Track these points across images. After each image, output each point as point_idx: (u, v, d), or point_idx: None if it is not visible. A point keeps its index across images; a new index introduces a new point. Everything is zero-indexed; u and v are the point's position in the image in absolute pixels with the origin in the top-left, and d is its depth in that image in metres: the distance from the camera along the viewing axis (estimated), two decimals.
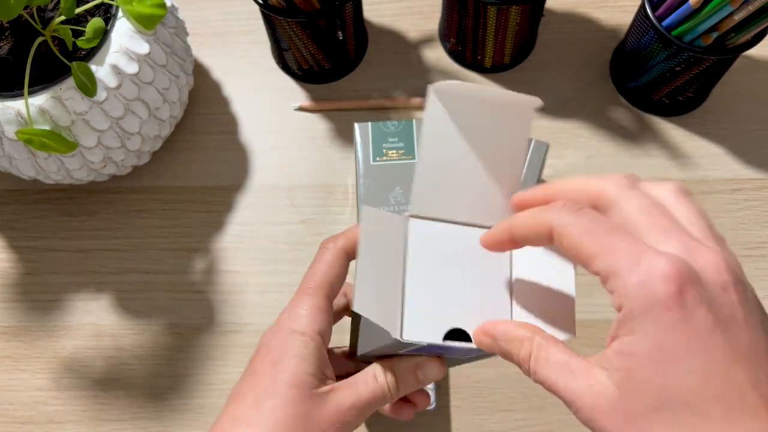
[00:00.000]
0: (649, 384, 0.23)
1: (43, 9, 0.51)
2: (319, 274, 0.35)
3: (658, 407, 0.23)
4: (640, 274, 0.23)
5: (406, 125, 0.53)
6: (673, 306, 0.23)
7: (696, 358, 0.23)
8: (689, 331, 0.23)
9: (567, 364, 0.26)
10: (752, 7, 0.46)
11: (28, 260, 0.58)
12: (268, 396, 0.31)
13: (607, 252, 0.24)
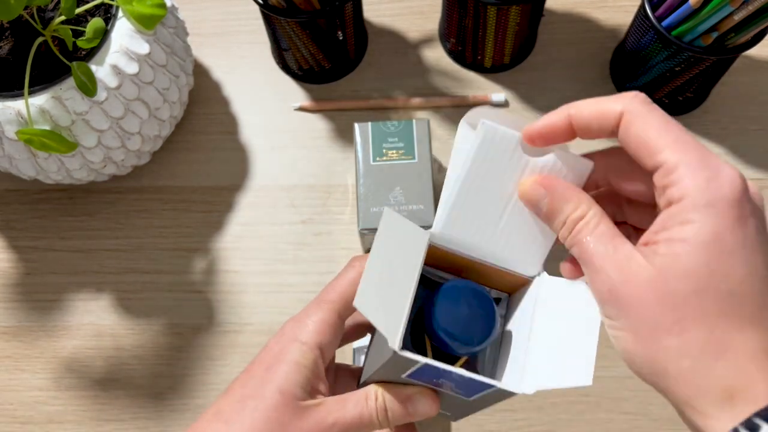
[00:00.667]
0: (698, 268, 0.24)
1: (43, 9, 0.51)
2: (337, 289, 0.34)
3: (700, 290, 0.24)
4: (712, 171, 0.25)
5: (406, 125, 0.53)
6: (737, 206, 0.24)
7: (748, 254, 0.24)
8: (746, 230, 0.24)
9: (613, 238, 0.27)
10: (752, 7, 0.46)
11: (28, 260, 0.58)
12: (253, 397, 0.31)
13: (680, 147, 0.25)
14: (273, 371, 0.32)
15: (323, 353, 0.33)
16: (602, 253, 0.27)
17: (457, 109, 0.61)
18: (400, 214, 0.30)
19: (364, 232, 0.51)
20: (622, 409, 0.52)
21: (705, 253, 0.24)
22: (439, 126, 0.60)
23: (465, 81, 0.62)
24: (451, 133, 0.60)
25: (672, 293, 0.25)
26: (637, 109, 0.26)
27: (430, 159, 0.52)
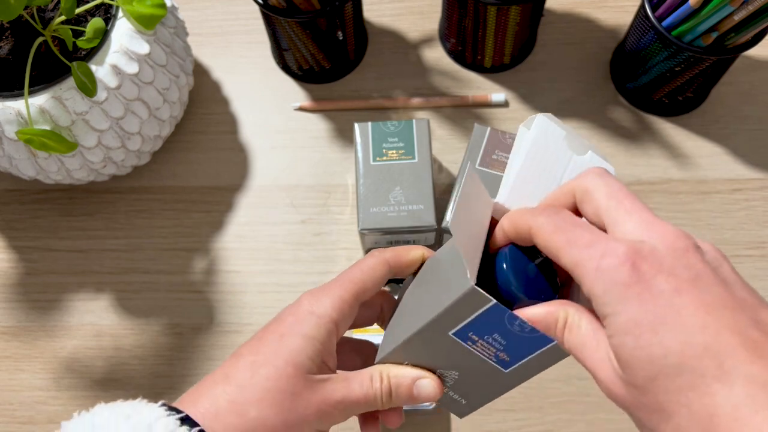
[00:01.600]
0: (637, 359, 0.24)
1: (43, 9, 0.51)
2: (356, 272, 0.35)
3: (653, 378, 0.23)
4: (597, 260, 0.25)
5: (406, 125, 0.53)
6: (631, 282, 0.24)
7: (670, 321, 0.23)
8: (654, 299, 0.23)
9: (594, 334, 0.27)
10: (752, 7, 0.46)
11: (28, 260, 0.58)
12: (265, 365, 0.31)
13: (571, 245, 0.26)
14: (286, 342, 0.32)
15: (337, 329, 0.33)
16: (588, 356, 0.27)
17: (457, 109, 0.61)
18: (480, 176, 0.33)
19: (364, 232, 0.51)
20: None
21: (633, 343, 0.24)
22: (439, 126, 0.60)
23: (465, 81, 0.62)
24: (452, 133, 0.60)
25: (635, 385, 0.24)
26: (538, 222, 0.29)
27: (430, 159, 0.52)
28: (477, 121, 0.60)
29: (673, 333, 0.23)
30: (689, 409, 0.23)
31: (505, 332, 0.29)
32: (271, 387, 0.31)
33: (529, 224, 0.29)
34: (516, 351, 0.30)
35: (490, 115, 0.61)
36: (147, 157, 0.58)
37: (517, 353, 0.30)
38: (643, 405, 0.24)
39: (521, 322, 0.28)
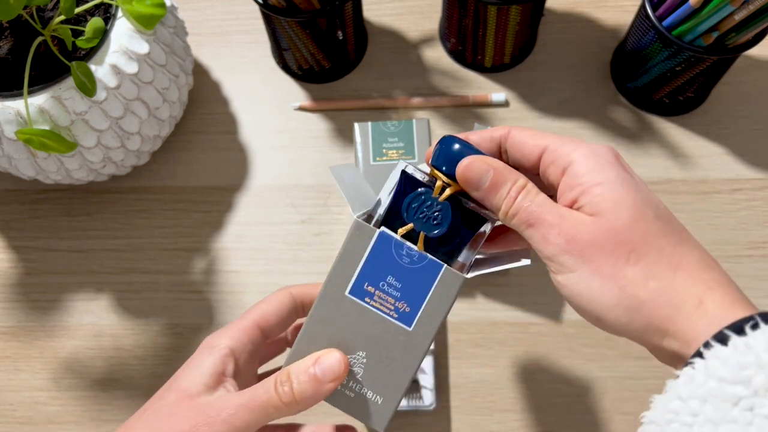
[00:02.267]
0: (624, 200, 0.29)
1: (42, 9, 0.51)
2: (260, 303, 0.38)
3: (637, 219, 0.28)
4: (588, 147, 0.30)
5: (406, 125, 0.53)
6: (614, 154, 0.30)
7: (646, 187, 0.30)
8: (631, 170, 0.30)
9: (552, 202, 0.30)
10: (753, 6, 0.46)
11: (28, 260, 0.58)
12: (152, 403, 0.36)
13: (555, 140, 0.31)
14: (178, 377, 0.36)
15: (235, 355, 0.36)
16: (552, 212, 0.29)
17: (457, 108, 0.61)
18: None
19: None
20: (622, 409, 0.52)
21: (622, 188, 0.28)
22: (439, 126, 0.60)
23: (465, 81, 0.62)
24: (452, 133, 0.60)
25: (617, 228, 0.28)
26: (516, 127, 0.33)
27: None
28: (477, 121, 0.60)
29: (652, 194, 0.30)
30: (660, 252, 0.28)
31: (397, 270, 0.32)
32: (151, 419, 0.35)
33: (502, 132, 0.33)
34: (413, 293, 0.32)
35: (491, 115, 0.61)
36: (146, 157, 0.58)
37: (415, 296, 0.32)
38: (617, 245, 0.28)
39: (408, 249, 0.31)
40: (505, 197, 0.30)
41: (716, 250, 0.55)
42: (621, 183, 0.29)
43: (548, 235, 0.29)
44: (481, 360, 0.54)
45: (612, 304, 0.28)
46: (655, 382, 0.51)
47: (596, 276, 0.28)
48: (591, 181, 0.29)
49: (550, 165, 0.31)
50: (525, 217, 0.30)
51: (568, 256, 0.28)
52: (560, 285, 0.29)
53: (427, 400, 0.51)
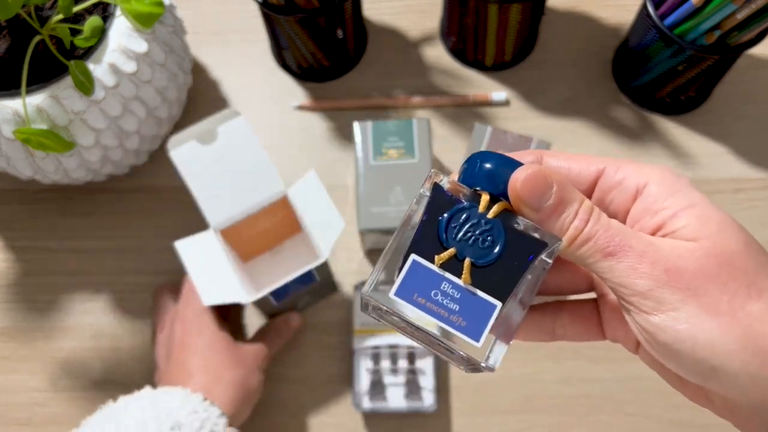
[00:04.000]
0: (728, 223, 0.24)
1: (40, 7, 0.50)
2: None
3: (747, 249, 0.24)
4: (660, 167, 0.26)
5: (406, 124, 0.53)
6: (693, 185, 0.25)
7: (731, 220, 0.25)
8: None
9: (627, 232, 0.24)
10: (755, 5, 0.46)
11: (26, 260, 0.58)
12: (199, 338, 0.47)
13: (612, 161, 0.26)
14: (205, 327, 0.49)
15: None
16: (638, 238, 0.23)
17: (457, 108, 0.61)
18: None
19: (364, 232, 0.51)
20: (624, 410, 0.52)
21: (719, 211, 0.24)
22: (439, 125, 0.60)
23: (466, 79, 0.62)
24: (452, 132, 0.60)
25: (729, 254, 0.23)
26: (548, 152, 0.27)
27: (431, 158, 0.52)
28: (478, 121, 0.60)
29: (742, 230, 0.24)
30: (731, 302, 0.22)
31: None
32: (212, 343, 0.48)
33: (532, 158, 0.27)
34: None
35: (491, 114, 0.60)
36: (145, 156, 0.58)
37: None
38: (733, 275, 0.23)
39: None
40: (573, 220, 0.24)
41: None
42: (714, 206, 0.24)
43: (638, 265, 0.23)
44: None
45: (735, 348, 0.22)
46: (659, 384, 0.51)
47: (710, 314, 0.22)
48: (681, 203, 0.24)
49: (614, 189, 0.25)
50: (603, 244, 0.23)
51: (670, 290, 0.22)
52: (657, 330, 0.23)
53: (427, 402, 0.51)
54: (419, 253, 0.24)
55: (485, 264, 0.24)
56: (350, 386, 0.53)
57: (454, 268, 0.24)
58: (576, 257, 0.24)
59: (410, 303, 0.24)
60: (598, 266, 0.24)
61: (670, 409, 0.51)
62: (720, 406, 0.25)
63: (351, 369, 0.53)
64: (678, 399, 0.29)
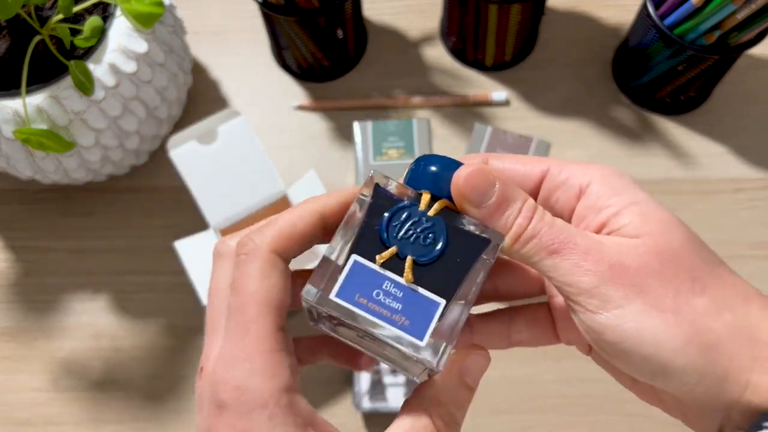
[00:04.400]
0: (671, 220, 0.24)
1: (40, 7, 0.50)
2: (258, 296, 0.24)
3: (689, 246, 0.23)
4: (603, 167, 0.25)
5: (406, 124, 0.53)
6: (637, 184, 0.25)
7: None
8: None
9: (571, 230, 0.24)
10: (755, 5, 0.46)
11: (26, 260, 0.58)
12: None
13: (556, 163, 0.26)
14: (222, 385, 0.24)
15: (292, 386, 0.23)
16: (582, 235, 0.23)
17: (457, 108, 0.61)
18: None
19: None
20: (624, 410, 0.52)
21: (662, 208, 0.24)
22: (439, 125, 0.60)
23: (466, 79, 0.62)
24: (452, 132, 0.60)
25: (673, 251, 0.23)
26: (493, 155, 0.27)
27: None
28: (478, 121, 0.60)
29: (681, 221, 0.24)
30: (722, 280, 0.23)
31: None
32: None
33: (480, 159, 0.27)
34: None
35: (491, 114, 0.60)
36: (145, 156, 0.58)
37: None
38: (677, 270, 0.23)
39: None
40: (516, 217, 0.24)
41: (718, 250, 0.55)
42: (658, 204, 0.24)
43: (583, 262, 0.22)
44: None
45: (681, 344, 0.22)
46: None
47: (655, 311, 0.22)
48: (624, 201, 0.24)
49: (558, 189, 0.25)
50: (547, 242, 0.23)
51: (614, 287, 0.22)
52: (603, 328, 0.22)
53: None
54: (361, 254, 0.24)
55: (427, 262, 0.24)
56: (350, 386, 0.53)
57: (396, 267, 0.24)
58: (521, 256, 0.24)
59: (352, 304, 0.23)
60: (543, 264, 0.23)
61: None
62: (671, 406, 0.25)
63: None
64: None
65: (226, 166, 0.48)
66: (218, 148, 0.48)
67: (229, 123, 0.48)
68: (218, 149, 0.48)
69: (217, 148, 0.48)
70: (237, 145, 0.48)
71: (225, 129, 0.48)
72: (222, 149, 0.48)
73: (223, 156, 0.48)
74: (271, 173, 0.49)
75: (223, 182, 0.48)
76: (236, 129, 0.49)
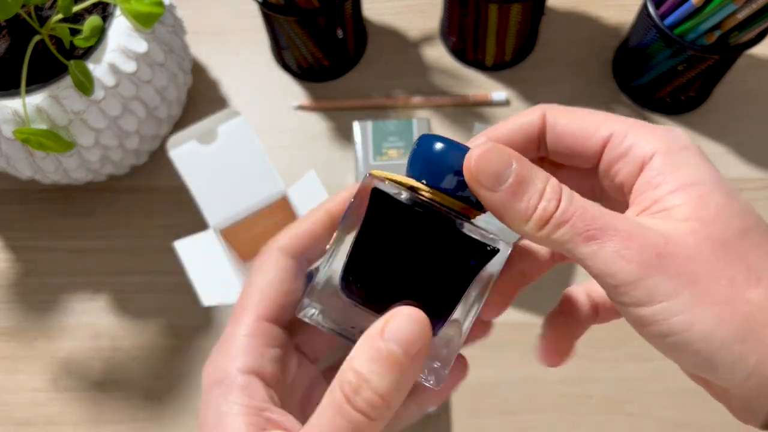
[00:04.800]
0: (730, 207, 0.22)
1: (40, 7, 0.50)
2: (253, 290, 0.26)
3: (745, 230, 0.21)
4: (670, 135, 0.23)
5: (406, 124, 0.53)
6: (708, 160, 0.24)
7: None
8: (731, 185, 0.23)
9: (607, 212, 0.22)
10: (755, 5, 0.46)
11: (26, 260, 0.58)
12: None
13: (620, 124, 0.24)
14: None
15: (262, 375, 0.25)
16: (622, 219, 0.21)
17: (457, 108, 0.61)
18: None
19: None
20: (625, 410, 0.52)
21: (724, 190, 0.22)
22: (439, 125, 0.60)
23: (466, 79, 0.62)
24: (452, 133, 0.60)
25: (727, 239, 0.21)
26: (553, 108, 0.25)
27: None
28: (478, 121, 0.60)
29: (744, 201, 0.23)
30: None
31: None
32: None
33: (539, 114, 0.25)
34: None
35: (491, 114, 0.60)
36: (145, 156, 0.58)
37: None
38: (730, 260, 0.21)
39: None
40: (539, 200, 0.21)
41: None
42: (720, 183, 0.22)
43: (625, 250, 0.20)
44: (483, 361, 0.53)
45: (734, 338, 0.20)
46: (658, 383, 0.51)
47: (706, 304, 0.20)
48: (683, 179, 0.22)
49: (620, 160, 0.23)
50: (582, 227, 0.21)
51: (661, 277, 0.20)
52: (649, 321, 0.21)
53: None
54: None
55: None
56: None
57: None
58: (551, 242, 0.21)
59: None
60: (578, 252, 0.21)
61: (670, 409, 0.51)
62: (716, 391, 0.24)
63: None
64: (678, 399, 0.29)
65: (226, 166, 0.48)
66: (218, 148, 0.48)
67: (229, 123, 0.48)
68: (218, 149, 0.48)
69: (217, 148, 0.48)
70: (237, 145, 0.48)
71: (225, 129, 0.48)
72: (222, 149, 0.48)
73: (223, 156, 0.48)
74: (271, 173, 0.49)
75: (223, 182, 0.48)
76: (236, 129, 0.48)
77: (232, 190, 0.48)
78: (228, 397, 0.24)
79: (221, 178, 0.48)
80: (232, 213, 0.48)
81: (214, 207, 0.47)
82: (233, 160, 0.48)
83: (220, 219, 0.47)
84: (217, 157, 0.48)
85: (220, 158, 0.48)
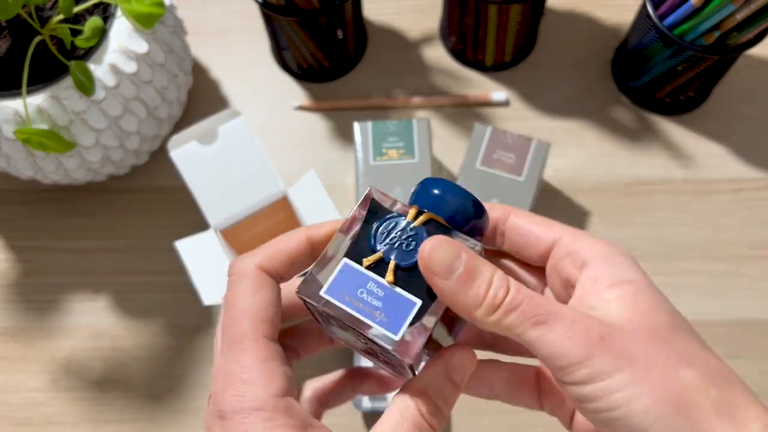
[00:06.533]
0: (660, 304, 0.25)
1: (41, 8, 0.50)
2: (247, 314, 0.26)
3: (673, 324, 0.24)
4: (611, 244, 0.26)
5: (406, 124, 0.53)
6: (640, 267, 0.26)
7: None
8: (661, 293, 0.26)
9: (551, 301, 0.24)
10: (754, 6, 0.46)
11: (26, 260, 0.58)
12: None
13: (569, 231, 0.27)
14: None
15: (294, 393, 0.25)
16: (567, 307, 0.24)
17: (457, 108, 0.61)
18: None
19: None
20: None
21: (655, 292, 0.25)
22: (439, 125, 0.60)
23: (466, 80, 0.62)
24: (452, 132, 0.60)
25: (659, 333, 0.23)
26: (514, 212, 0.28)
27: (431, 159, 0.52)
28: (478, 121, 0.60)
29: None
30: (707, 363, 0.23)
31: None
32: None
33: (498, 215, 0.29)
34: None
35: (491, 115, 0.60)
36: (145, 156, 0.58)
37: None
38: (664, 345, 0.23)
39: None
40: (488, 288, 0.23)
41: (718, 250, 0.55)
42: (652, 285, 0.25)
43: (572, 333, 0.22)
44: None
45: (668, 412, 0.22)
46: None
47: (644, 381, 0.22)
48: (620, 277, 0.25)
49: (565, 258, 0.26)
50: (531, 312, 0.23)
51: (605, 357, 0.22)
52: (592, 398, 0.23)
53: None
54: (351, 258, 0.27)
55: (408, 266, 0.26)
56: None
57: (381, 270, 0.26)
58: (501, 327, 0.23)
59: (338, 300, 0.26)
60: (527, 335, 0.23)
61: None
62: None
63: None
64: None
65: (226, 166, 0.48)
66: (218, 148, 0.48)
67: (229, 123, 0.49)
68: (218, 149, 0.48)
69: (217, 149, 0.48)
70: (237, 145, 0.48)
71: (225, 129, 0.48)
72: (222, 149, 0.48)
73: (223, 156, 0.48)
74: (271, 173, 0.49)
75: (224, 182, 0.48)
76: (236, 129, 0.49)
77: (232, 190, 0.48)
78: (275, 422, 0.24)
79: (222, 179, 0.48)
80: (232, 213, 0.48)
81: (215, 207, 0.47)
82: (233, 161, 0.48)
83: (220, 219, 0.48)
84: (218, 158, 0.48)
85: (220, 158, 0.48)
